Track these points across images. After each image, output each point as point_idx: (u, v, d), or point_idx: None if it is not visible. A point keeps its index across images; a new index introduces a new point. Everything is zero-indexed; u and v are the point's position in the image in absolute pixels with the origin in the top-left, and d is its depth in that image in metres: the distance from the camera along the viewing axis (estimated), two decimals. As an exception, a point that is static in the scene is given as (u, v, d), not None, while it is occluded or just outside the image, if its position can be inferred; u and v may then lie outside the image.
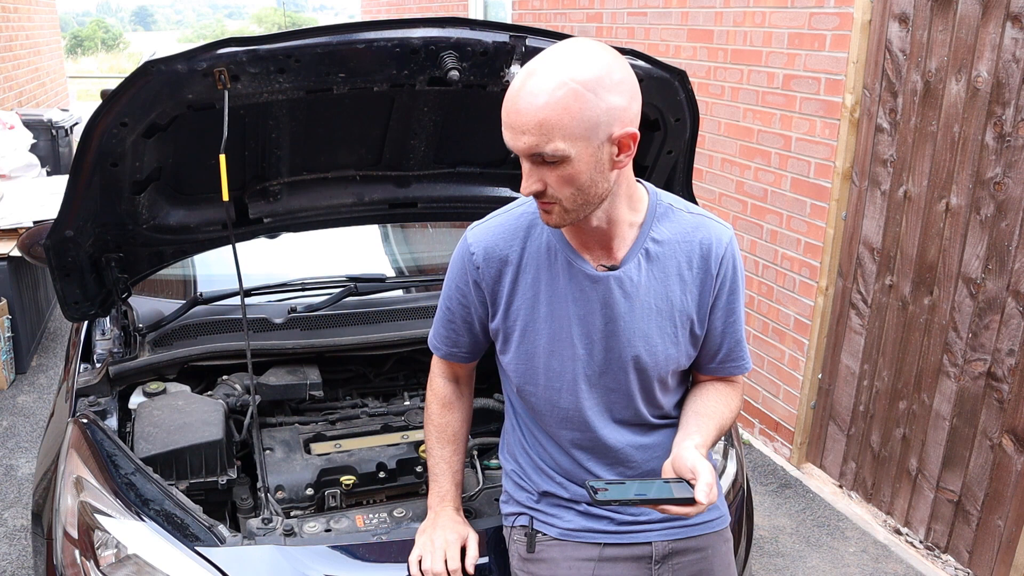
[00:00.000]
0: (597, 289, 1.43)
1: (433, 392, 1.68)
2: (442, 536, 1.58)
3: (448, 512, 1.64)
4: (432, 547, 1.57)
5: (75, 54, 32.06)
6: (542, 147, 1.25)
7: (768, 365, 3.71)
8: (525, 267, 1.47)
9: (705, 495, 1.28)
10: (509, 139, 1.28)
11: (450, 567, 1.55)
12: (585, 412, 1.49)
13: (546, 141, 1.24)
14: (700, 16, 3.84)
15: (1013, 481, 2.64)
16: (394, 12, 8.45)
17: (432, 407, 1.68)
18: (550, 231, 1.46)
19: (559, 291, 1.44)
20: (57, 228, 1.88)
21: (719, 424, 1.49)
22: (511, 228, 1.48)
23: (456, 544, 1.58)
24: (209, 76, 1.70)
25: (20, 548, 2.95)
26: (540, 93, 1.23)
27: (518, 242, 1.47)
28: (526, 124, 1.24)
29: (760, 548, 3.08)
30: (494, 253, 1.47)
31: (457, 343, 1.61)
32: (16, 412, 3.95)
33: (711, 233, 1.47)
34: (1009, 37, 2.48)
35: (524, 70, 1.27)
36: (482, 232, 1.50)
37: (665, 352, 1.47)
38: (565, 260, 1.44)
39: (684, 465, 1.33)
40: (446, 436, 1.66)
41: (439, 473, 1.66)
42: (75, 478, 1.71)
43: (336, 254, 2.93)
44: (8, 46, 7.44)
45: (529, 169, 1.29)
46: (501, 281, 1.48)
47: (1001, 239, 2.59)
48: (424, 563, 1.55)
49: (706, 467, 1.31)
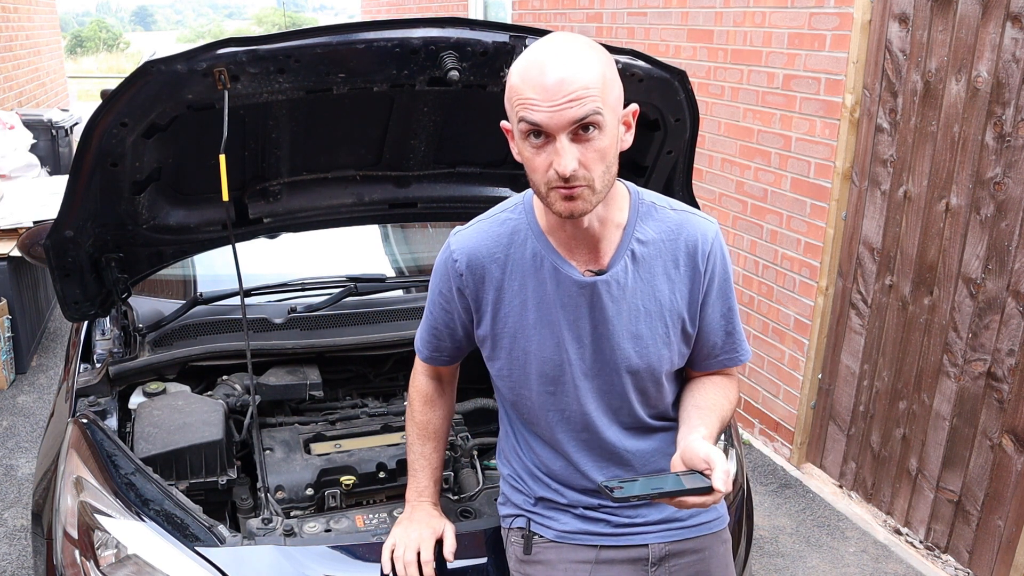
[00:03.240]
0: (585, 294, 1.42)
1: (416, 389, 1.69)
2: (416, 530, 1.60)
3: (425, 507, 1.66)
4: (406, 539, 1.59)
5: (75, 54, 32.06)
6: (588, 112, 1.23)
7: (768, 365, 3.71)
8: (511, 274, 1.45)
9: (723, 483, 1.24)
10: (545, 116, 1.23)
11: (422, 557, 1.56)
12: (589, 415, 1.48)
13: (594, 102, 1.23)
14: (700, 16, 3.84)
15: (1013, 481, 2.64)
16: (394, 12, 8.45)
17: (415, 403, 1.69)
18: (535, 237, 1.44)
19: (547, 298, 1.43)
20: (57, 228, 1.88)
21: (720, 416, 1.47)
22: (494, 234, 1.47)
23: (430, 539, 1.59)
24: (209, 76, 1.70)
25: (20, 548, 2.95)
26: (576, 57, 1.23)
27: (502, 248, 1.45)
28: (573, 88, 1.21)
29: (760, 548, 3.08)
30: (477, 260, 1.46)
31: (439, 347, 1.61)
32: (16, 412, 3.95)
33: (696, 229, 1.46)
34: (1009, 37, 2.48)
35: (535, 54, 1.25)
36: (465, 238, 1.49)
37: (657, 353, 1.46)
38: (552, 266, 1.42)
39: (696, 456, 1.30)
40: (427, 433, 1.68)
41: (418, 469, 1.68)
42: (75, 478, 1.71)
43: (336, 254, 2.93)
44: (8, 46, 7.44)
45: (567, 145, 1.25)
46: (485, 288, 1.47)
47: (1001, 239, 2.59)
48: (396, 551, 1.57)
49: (719, 455, 1.28)
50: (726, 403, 1.51)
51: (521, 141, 1.30)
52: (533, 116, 1.24)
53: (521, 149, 1.32)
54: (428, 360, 1.65)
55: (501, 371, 1.52)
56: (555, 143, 1.25)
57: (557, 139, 1.25)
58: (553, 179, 1.27)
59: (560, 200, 1.30)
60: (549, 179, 1.28)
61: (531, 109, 1.24)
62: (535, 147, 1.28)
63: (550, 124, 1.24)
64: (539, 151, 1.28)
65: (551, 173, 1.27)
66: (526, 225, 1.45)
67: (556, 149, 1.25)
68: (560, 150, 1.25)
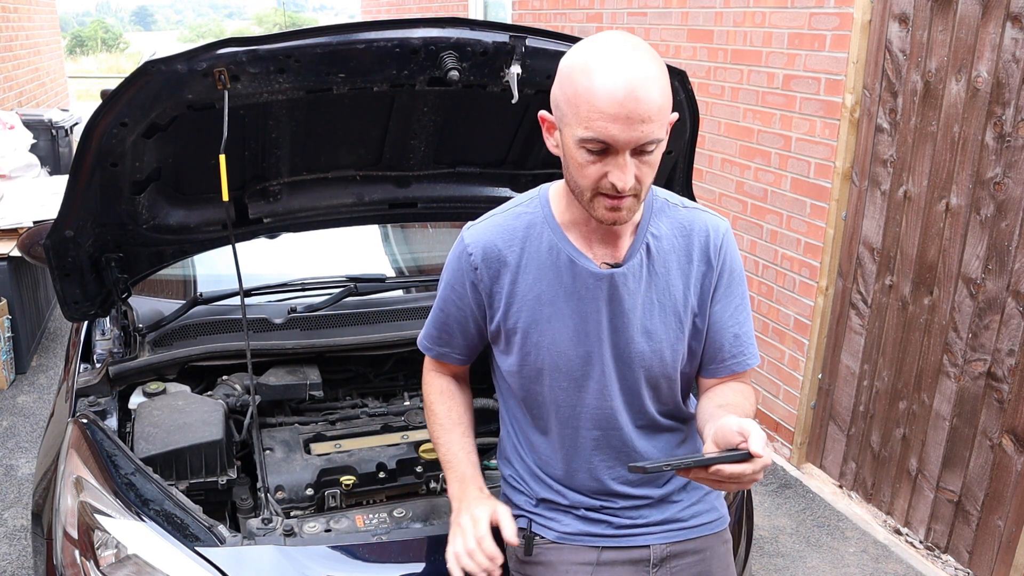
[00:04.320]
0: (602, 287, 1.42)
1: (429, 386, 1.64)
2: (468, 517, 1.47)
3: (472, 492, 1.52)
4: (463, 532, 1.45)
5: (75, 54, 32.06)
6: (659, 136, 1.24)
7: (768, 365, 3.71)
8: (525, 267, 1.45)
9: (761, 447, 1.18)
10: (617, 134, 1.22)
11: (484, 544, 1.43)
12: (603, 409, 1.47)
13: (659, 127, 1.24)
14: (700, 16, 3.84)
15: (1013, 481, 2.64)
16: (394, 12, 8.45)
17: (431, 398, 1.63)
18: (551, 231, 1.44)
19: (563, 290, 1.43)
20: (57, 228, 1.88)
21: (745, 413, 1.42)
22: (510, 228, 1.47)
23: (484, 520, 1.46)
24: (209, 76, 1.70)
25: (20, 548, 2.95)
26: (653, 79, 1.22)
27: (517, 242, 1.45)
28: (647, 112, 1.21)
29: (760, 548, 3.08)
30: (492, 253, 1.46)
31: (450, 343, 1.59)
32: (16, 412, 3.95)
33: (708, 225, 1.47)
34: (1009, 37, 2.48)
35: (609, 60, 1.21)
36: (480, 232, 1.48)
37: (671, 348, 1.46)
38: (568, 259, 1.43)
39: (730, 430, 1.23)
40: (452, 421, 1.60)
41: (451, 458, 1.57)
42: (75, 478, 1.71)
43: (336, 254, 2.93)
44: (8, 46, 7.44)
45: (629, 162, 1.25)
46: (499, 282, 1.46)
47: (1001, 239, 2.59)
48: (456, 546, 1.44)
49: (753, 424, 1.23)
50: (747, 403, 1.48)
51: (575, 146, 1.27)
52: (604, 133, 1.22)
53: (573, 153, 1.29)
54: (439, 357, 1.61)
55: (512, 367, 1.50)
56: (614, 156, 1.25)
57: (620, 154, 1.24)
58: (606, 188, 1.28)
59: (605, 209, 1.31)
60: (601, 187, 1.28)
61: (602, 125, 1.22)
62: (592, 155, 1.26)
63: (618, 141, 1.23)
64: (595, 160, 1.27)
65: (604, 183, 1.27)
66: (542, 219, 1.45)
67: (617, 163, 1.25)
68: (623, 165, 1.25)
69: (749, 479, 1.22)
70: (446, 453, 1.58)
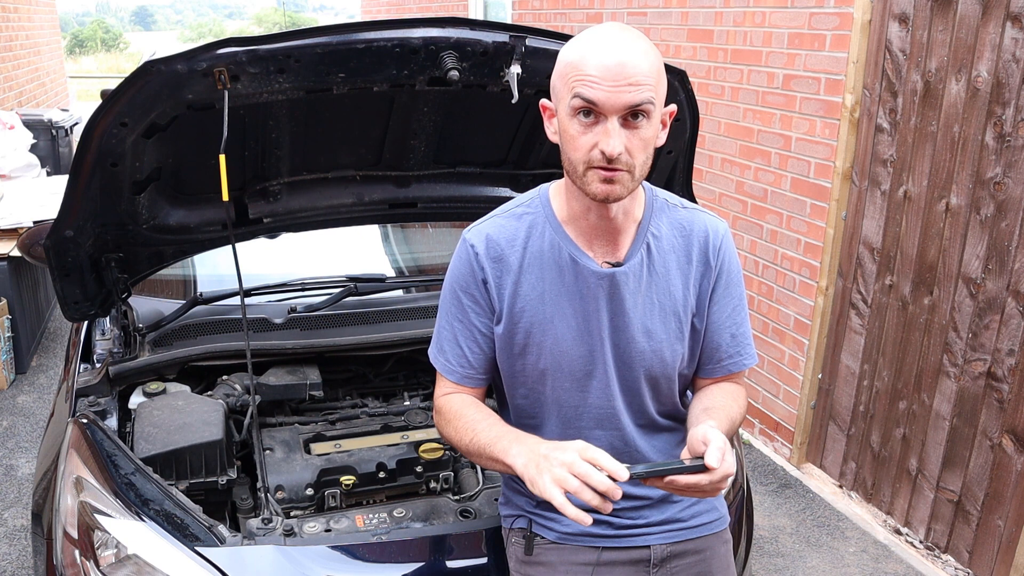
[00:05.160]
0: (603, 285, 1.42)
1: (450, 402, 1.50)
2: (569, 451, 1.21)
3: (547, 443, 1.28)
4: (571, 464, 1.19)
5: (75, 54, 32.05)
6: (644, 99, 1.26)
7: (768, 365, 3.71)
8: (527, 267, 1.45)
9: (717, 459, 1.17)
10: (603, 95, 1.25)
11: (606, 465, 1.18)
12: (606, 409, 1.47)
13: (649, 91, 1.26)
14: (700, 16, 3.84)
15: (1013, 481, 2.64)
16: (394, 12, 8.45)
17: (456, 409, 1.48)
18: (552, 229, 1.44)
19: (565, 289, 1.44)
20: (57, 228, 1.88)
21: (729, 416, 1.44)
22: (511, 227, 1.47)
23: (590, 447, 1.22)
24: (209, 76, 1.70)
25: (20, 548, 2.95)
26: (637, 46, 1.27)
27: (520, 242, 1.46)
28: (633, 73, 1.25)
29: (760, 548, 3.08)
30: (496, 248, 1.46)
31: (469, 359, 1.49)
32: (16, 412, 3.95)
33: (707, 226, 1.48)
34: (1009, 37, 2.48)
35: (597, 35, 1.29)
36: (482, 230, 1.48)
37: (671, 348, 1.46)
38: (570, 257, 1.43)
39: (696, 438, 1.24)
40: (489, 417, 1.45)
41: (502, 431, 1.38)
42: (75, 478, 1.71)
43: (336, 254, 2.93)
44: (8, 46, 7.44)
45: (617, 127, 1.27)
46: (503, 281, 1.46)
47: (1001, 239, 2.59)
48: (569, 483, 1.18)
49: (716, 434, 1.22)
50: (735, 405, 1.49)
51: (568, 118, 1.31)
52: (591, 93, 1.26)
53: (566, 126, 1.32)
54: (460, 381, 1.50)
55: (516, 367, 1.49)
56: (604, 124, 1.27)
57: (608, 120, 1.27)
58: (596, 159, 1.29)
59: (598, 182, 1.31)
60: (591, 158, 1.30)
61: (590, 86, 1.26)
62: (583, 125, 1.29)
63: (606, 104, 1.26)
64: (586, 130, 1.29)
65: (595, 152, 1.29)
66: (543, 218, 1.46)
67: (605, 130, 1.27)
68: (610, 131, 1.27)
69: (711, 489, 1.20)
70: (484, 432, 1.40)
